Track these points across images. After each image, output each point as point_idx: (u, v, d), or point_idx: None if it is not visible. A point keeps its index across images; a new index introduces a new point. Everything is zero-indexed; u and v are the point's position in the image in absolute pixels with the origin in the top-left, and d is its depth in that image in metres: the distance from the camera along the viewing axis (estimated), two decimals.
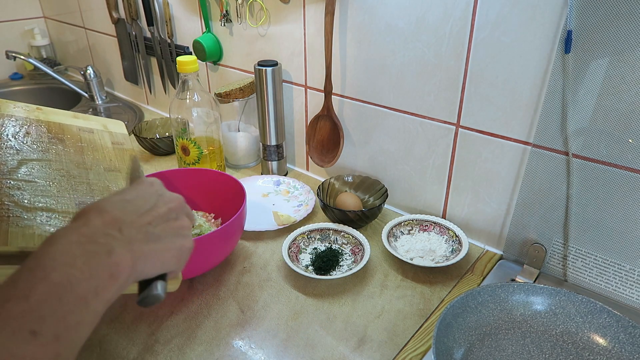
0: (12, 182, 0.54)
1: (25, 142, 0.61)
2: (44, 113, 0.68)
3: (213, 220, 0.74)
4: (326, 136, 0.88)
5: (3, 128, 0.61)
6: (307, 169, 1.00)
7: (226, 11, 0.94)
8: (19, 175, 0.55)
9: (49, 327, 0.28)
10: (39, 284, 0.29)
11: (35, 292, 0.29)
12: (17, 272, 0.30)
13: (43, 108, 0.69)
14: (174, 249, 0.40)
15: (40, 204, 0.53)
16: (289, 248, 0.72)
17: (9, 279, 0.30)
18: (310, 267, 0.70)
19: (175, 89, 1.20)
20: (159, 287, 0.38)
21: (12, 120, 0.63)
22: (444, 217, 0.79)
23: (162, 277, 0.39)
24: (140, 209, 0.39)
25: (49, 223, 0.51)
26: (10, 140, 0.60)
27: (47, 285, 0.29)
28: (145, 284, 0.38)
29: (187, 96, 0.86)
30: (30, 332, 0.27)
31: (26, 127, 0.63)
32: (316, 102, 0.89)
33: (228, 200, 0.74)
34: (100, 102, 1.40)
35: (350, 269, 0.68)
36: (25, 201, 0.52)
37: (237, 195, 0.71)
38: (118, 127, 0.75)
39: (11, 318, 0.27)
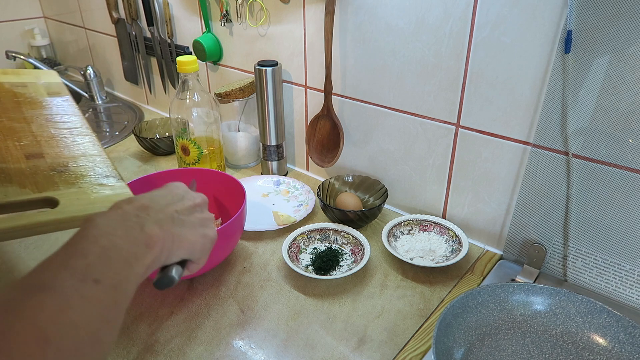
0: None
1: None
2: None
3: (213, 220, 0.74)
4: (326, 136, 0.88)
5: None
6: (307, 169, 1.00)
7: (226, 11, 0.94)
8: None
9: (108, 278, 0.34)
10: (92, 246, 0.35)
11: (91, 252, 0.34)
12: (71, 239, 0.36)
13: None
14: (198, 235, 0.44)
15: None
16: (289, 248, 0.72)
17: (66, 244, 0.35)
18: (310, 267, 0.70)
19: (175, 89, 1.20)
20: (174, 271, 0.42)
21: None
22: (444, 217, 0.79)
23: (181, 263, 0.44)
24: (167, 201, 0.44)
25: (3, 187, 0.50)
26: None
27: (99, 247, 0.35)
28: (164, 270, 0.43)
29: (187, 96, 0.86)
30: (94, 280, 0.33)
31: None
32: (316, 102, 0.89)
33: (228, 200, 0.74)
34: (100, 102, 1.40)
35: (350, 269, 0.68)
36: None
37: (237, 195, 0.71)
38: (52, 77, 0.75)
39: (77, 269, 0.33)
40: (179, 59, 0.83)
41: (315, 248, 0.74)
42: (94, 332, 0.31)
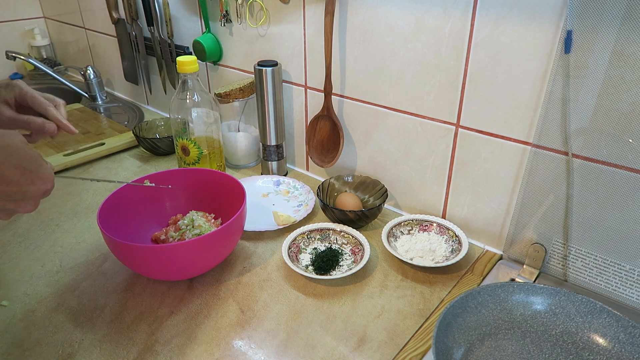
0: None
1: None
2: None
3: (213, 220, 0.74)
4: (326, 136, 0.88)
5: None
6: (307, 169, 1.00)
7: (226, 11, 0.94)
8: None
9: None
10: None
11: None
12: None
13: None
14: None
15: None
16: (289, 248, 0.72)
17: None
18: (310, 267, 0.70)
19: (175, 89, 1.20)
20: None
21: None
22: (443, 217, 0.79)
23: None
24: (13, 177, 0.43)
25: None
26: None
27: None
28: None
29: (187, 96, 0.86)
30: None
31: None
32: (316, 102, 0.89)
33: (228, 200, 0.74)
34: (100, 102, 1.40)
35: (350, 269, 0.68)
36: None
37: (237, 195, 0.71)
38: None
39: None
40: (179, 59, 0.83)
41: (315, 248, 0.74)
42: None
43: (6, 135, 0.44)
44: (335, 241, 0.76)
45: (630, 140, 0.55)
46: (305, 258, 0.72)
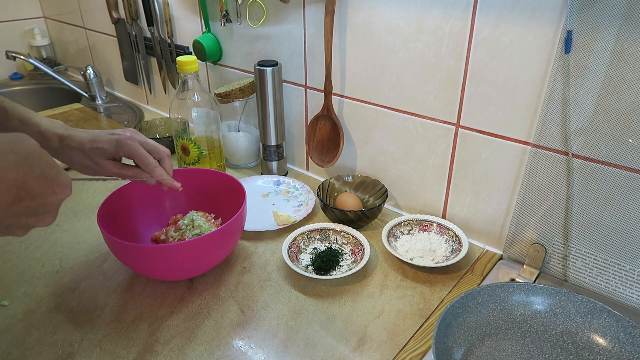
0: None
1: None
2: None
3: (213, 220, 0.74)
4: (326, 136, 0.88)
5: None
6: (307, 169, 1.00)
7: (226, 11, 0.94)
8: None
9: None
10: None
11: None
12: None
13: None
14: None
15: None
16: (289, 248, 0.72)
17: None
18: (310, 267, 0.70)
19: (175, 89, 1.20)
20: None
21: None
22: (443, 217, 0.79)
23: None
24: (31, 191, 0.39)
25: None
26: None
27: None
28: None
29: (187, 96, 0.86)
30: None
31: None
32: (316, 102, 0.89)
33: (228, 200, 0.74)
34: (100, 102, 1.40)
35: (350, 269, 0.68)
36: None
37: (237, 195, 0.71)
38: None
39: None
40: (179, 59, 0.83)
41: (315, 248, 0.74)
42: None
43: (22, 139, 0.39)
44: (335, 241, 0.76)
45: (630, 140, 0.55)
46: (305, 258, 0.72)
